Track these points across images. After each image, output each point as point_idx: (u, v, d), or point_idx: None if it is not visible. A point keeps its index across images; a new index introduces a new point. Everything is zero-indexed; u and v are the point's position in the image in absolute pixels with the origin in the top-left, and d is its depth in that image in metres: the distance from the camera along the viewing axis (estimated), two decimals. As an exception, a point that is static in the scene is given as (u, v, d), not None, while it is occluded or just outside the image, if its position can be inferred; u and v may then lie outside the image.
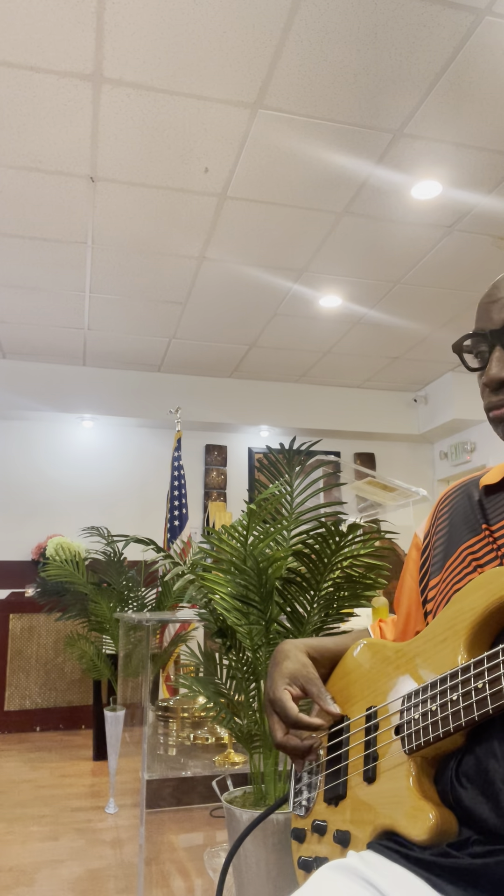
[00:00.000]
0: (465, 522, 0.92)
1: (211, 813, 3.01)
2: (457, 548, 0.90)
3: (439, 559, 0.93)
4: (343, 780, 0.88)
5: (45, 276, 4.04)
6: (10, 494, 5.64)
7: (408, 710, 0.80)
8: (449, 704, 0.73)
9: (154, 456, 5.96)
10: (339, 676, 0.99)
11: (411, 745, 0.78)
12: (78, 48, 2.40)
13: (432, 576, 0.94)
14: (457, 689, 0.73)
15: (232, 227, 3.56)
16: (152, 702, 2.90)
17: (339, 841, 0.84)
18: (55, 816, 3.06)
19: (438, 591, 0.91)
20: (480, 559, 0.85)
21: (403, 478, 5.88)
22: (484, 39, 2.39)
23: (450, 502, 0.99)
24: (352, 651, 0.98)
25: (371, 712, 0.87)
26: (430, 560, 0.96)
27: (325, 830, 0.89)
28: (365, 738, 0.86)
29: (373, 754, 0.84)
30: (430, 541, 0.99)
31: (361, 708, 0.90)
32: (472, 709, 0.71)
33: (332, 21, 2.31)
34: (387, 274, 4.11)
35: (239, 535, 1.62)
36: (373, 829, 0.80)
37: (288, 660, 0.97)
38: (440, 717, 0.74)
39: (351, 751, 0.88)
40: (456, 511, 0.95)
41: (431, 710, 0.76)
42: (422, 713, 0.77)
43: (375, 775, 0.82)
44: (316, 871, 0.78)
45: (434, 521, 1.00)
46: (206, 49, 2.41)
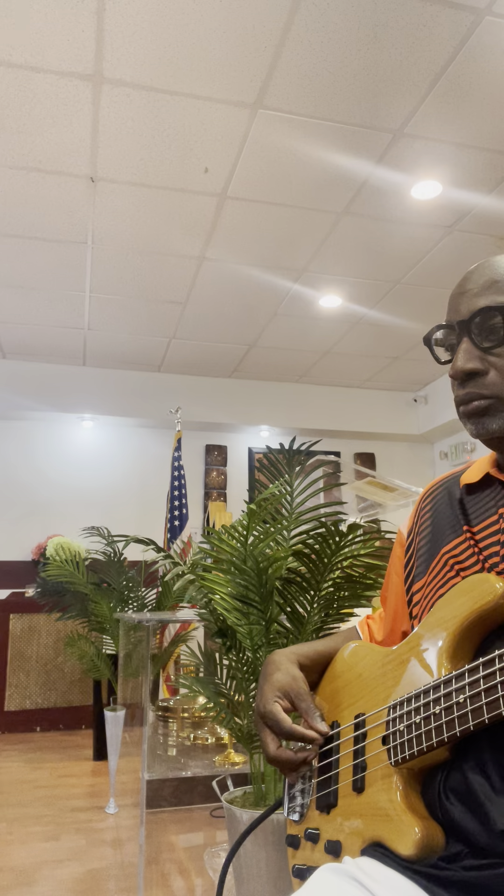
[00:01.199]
0: (446, 523, 0.90)
1: (211, 813, 3.01)
2: (439, 549, 0.89)
3: (423, 561, 0.92)
4: (334, 789, 0.88)
5: (45, 276, 4.04)
6: (10, 494, 5.63)
7: (394, 721, 0.79)
8: (432, 718, 0.73)
9: (154, 456, 5.96)
10: (328, 681, 0.98)
11: (397, 757, 0.77)
12: (78, 48, 2.40)
13: (416, 578, 0.93)
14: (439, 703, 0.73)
15: (232, 227, 3.56)
16: (152, 702, 2.90)
17: (331, 851, 0.84)
18: (55, 816, 3.06)
19: (423, 594, 0.90)
20: (463, 562, 0.84)
21: (403, 478, 5.88)
22: (484, 39, 2.39)
23: (432, 500, 0.97)
24: (341, 654, 0.97)
25: (360, 720, 0.86)
26: (415, 560, 0.95)
27: (317, 839, 0.88)
28: (354, 746, 0.86)
29: (361, 764, 0.83)
30: (414, 540, 0.97)
31: (350, 714, 0.89)
32: (454, 724, 0.70)
33: (332, 21, 2.31)
34: (387, 274, 4.11)
35: (239, 535, 1.62)
36: (362, 840, 0.79)
37: (279, 671, 0.96)
38: (423, 731, 0.74)
39: (341, 758, 0.88)
40: (438, 510, 0.94)
41: (416, 723, 0.75)
42: (406, 725, 0.77)
43: (364, 785, 0.82)
44: (316, 872, 0.78)
45: (417, 519, 0.98)
46: (206, 49, 2.41)
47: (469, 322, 0.84)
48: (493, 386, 0.82)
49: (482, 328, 0.83)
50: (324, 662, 1.00)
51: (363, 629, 1.07)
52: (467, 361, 0.83)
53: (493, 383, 0.82)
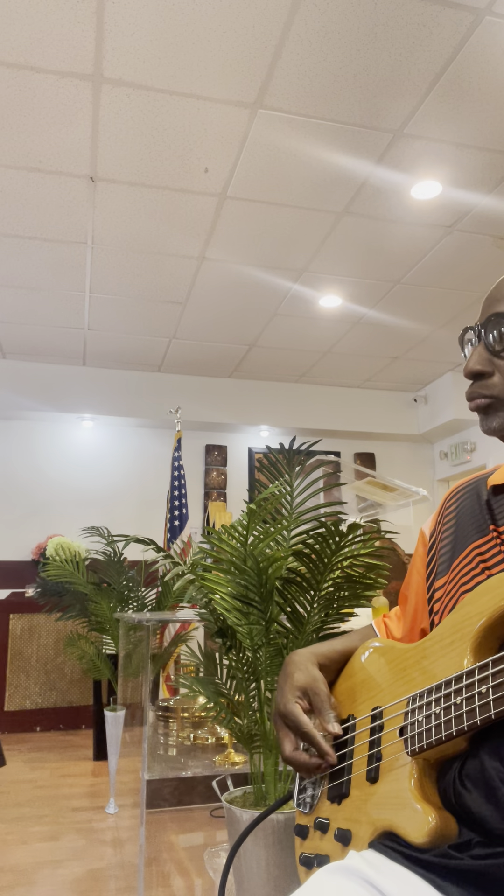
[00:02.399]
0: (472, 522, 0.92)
1: (211, 813, 3.01)
2: (464, 548, 0.90)
3: (446, 559, 0.93)
4: (347, 779, 0.88)
5: (45, 276, 4.04)
6: (11, 494, 5.63)
7: (412, 712, 0.79)
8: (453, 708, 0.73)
9: (154, 456, 5.96)
10: (345, 677, 0.99)
11: (414, 746, 0.77)
12: (78, 48, 2.40)
13: (438, 576, 0.94)
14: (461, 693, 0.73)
15: (232, 227, 3.56)
16: (152, 702, 2.90)
17: (340, 839, 0.84)
18: (55, 816, 3.06)
19: (445, 591, 0.90)
20: (488, 560, 0.85)
21: (403, 478, 5.88)
22: (484, 39, 2.39)
23: (457, 500, 0.98)
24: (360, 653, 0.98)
25: (377, 712, 0.87)
26: (437, 559, 0.96)
27: (327, 828, 0.89)
28: (369, 737, 0.86)
29: (376, 754, 0.84)
30: (437, 538, 0.98)
31: (367, 708, 0.89)
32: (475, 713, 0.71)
33: (332, 21, 2.31)
34: (387, 274, 4.11)
35: (239, 535, 1.62)
36: (373, 829, 0.80)
37: (299, 671, 0.97)
38: (443, 721, 0.74)
39: (356, 750, 0.88)
40: (463, 510, 0.95)
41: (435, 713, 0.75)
42: (426, 716, 0.77)
43: (378, 775, 0.82)
44: (314, 874, 0.78)
45: (441, 519, 1.00)
46: (206, 49, 2.41)
47: (484, 326, 0.90)
48: (494, 387, 0.88)
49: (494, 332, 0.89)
50: (342, 662, 1.01)
51: (380, 627, 1.08)
52: (475, 364, 0.90)
53: (495, 384, 0.88)
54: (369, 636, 1.07)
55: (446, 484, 6.63)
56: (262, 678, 1.63)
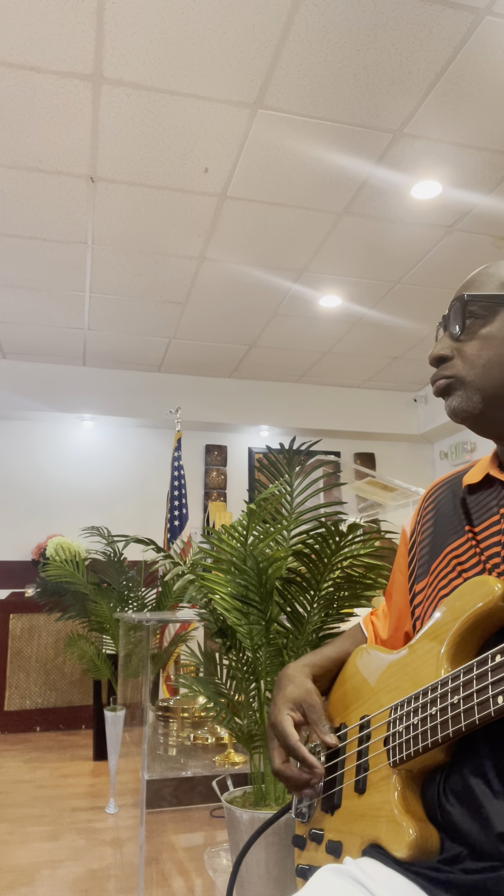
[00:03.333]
0: (448, 523, 0.91)
1: (211, 813, 3.01)
2: (441, 550, 0.90)
3: (425, 561, 0.93)
4: (338, 790, 0.88)
5: (45, 276, 4.04)
6: (11, 494, 5.63)
7: (394, 722, 0.80)
8: (429, 719, 0.73)
9: (154, 456, 5.96)
10: (338, 685, 0.99)
11: (395, 758, 0.77)
12: (78, 48, 2.40)
13: (419, 579, 0.93)
14: (436, 703, 0.73)
15: (232, 227, 3.56)
16: (152, 702, 2.90)
17: (331, 851, 0.84)
18: (55, 816, 3.06)
19: (425, 595, 0.90)
20: (464, 563, 0.85)
21: (403, 478, 5.88)
22: (484, 39, 2.39)
23: (434, 500, 0.98)
24: (352, 659, 0.98)
25: (364, 721, 0.87)
26: (417, 560, 0.96)
27: (321, 839, 0.89)
28: (358, 747, 0.86)
29: (364, 764, 0.84)
30: (416, 539, 0.98)
31: (357, 716, 0.90)
32: (447, 724, 0.70)
33: (332, 21, 2.31)
34: (387, 274, 4.11)
35: (239, 535, 1.62)
36: (361, 841, 0.80)
37: (292, 684, 0.97)
38: (420, 732, 0.74)
39: (346, 759, 0.88)
40: (440, 510, 0.95)
41: (414, 724, 0.75)
42: (405, 726, 0.77)
43: (365, 787, 0.82)
44: (316, 872, 0.78)
45: (420, 519, 0.99)
46: (206, 49, 2.41)
47: (448, 313, 0.92)
48: (453, 368, 0.90)
49: (455, 318, 0.91)
50: (335, 669, 1.01)
51: (367, 626, 1.08)
52: (438, 349, 0.92)
53: (454, 366, 0.90)
54: (358, 637, 1.07)
55: (446, 484, 6.63)
56: (262, 678, 1.63)
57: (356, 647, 1.02)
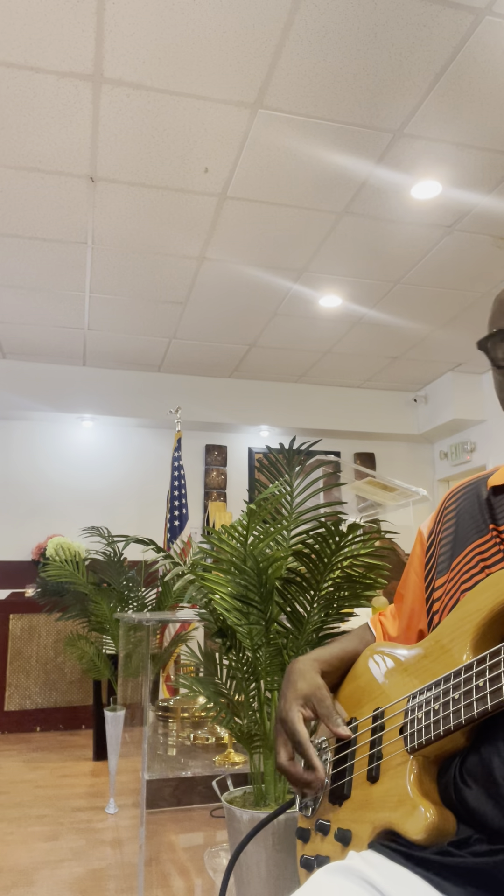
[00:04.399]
0: (472, 522, 0.92)
1: (211, 813, 3.01)
2: (464, 548, 0.90)
3: (445, 558, 0.94)
4: (348, 780, 0.88)
5: (45, 276, 4.04)
6: (11, 494, 5.64)
7: (412, 710, 0.80)
8: (451, 703, 0.73)
9: (154, 456, 5.96)
10: (349, 681, 0.99)
11: (413, 743, 0.78)
12: (78, 48, 2.40)
13: (438, 575, 0.94)
14: (459, 688, 0.73)
15: (232, 227, 3.56)
16: (152, 702, 2.90)
17: (341, 839, 0.84)
18: (55, 816, 3.06)
19: (445, 591, 0.91)
20: (488, 559, 0.85)
21: (403, 478, 5.88)
22: (484, 39, 2.39)
23: (456, 501, 0.99)
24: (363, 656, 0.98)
25: (378, 713, 0.87)
26: (436, 559, 0.96)
27: (328, 830, 0.89)
28: (370, 737, 0.86)
29: (377, 754, 0.84)
30: (436, 538, 0.99)
31: (370, 710, 0.90)
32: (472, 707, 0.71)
33: (332, 21, 2.31)
34: (387, 274, 4.11)
35: (239, 535, 1.62)
36: (373, 827, 0.79)
37: (302, 679, 0.97)
38: (441, 716, 0.74)
39: (357, 751, 0.88)
40: (463, 510, 0.96)
41: (434, 709, 0.76)
42: (425, 712, 0.77)
43: (378, 774, 0.82)
44: (314, 874, 0.77)
45: (440, 519, 1.00)
46: (206, 49, 2.41)
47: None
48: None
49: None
50: (343, 667, 1.01)
51: (376, 626, 1.08)
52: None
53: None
54: (366, 636, 1.07)
55: (446, 484, 6.63)
56: (262, 678, 1.63)
57: (364, 645, 1.02)
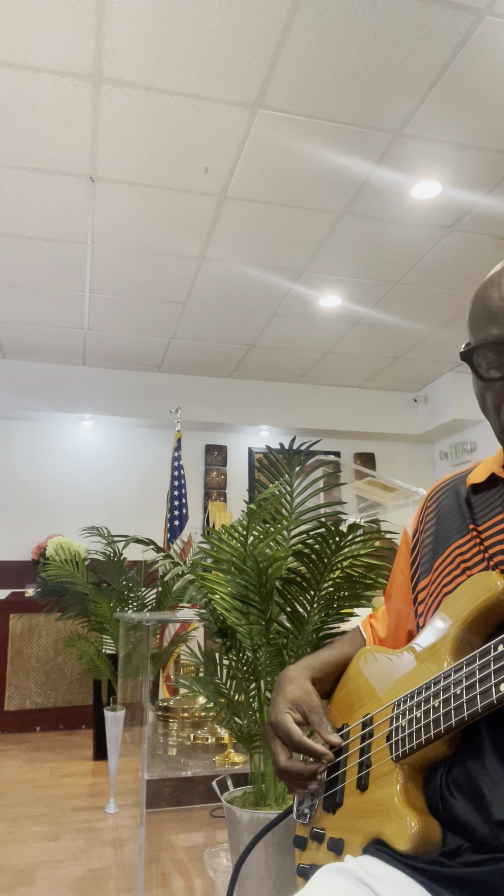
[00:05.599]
0: (452, 522, 0.91)
1: (211, 813, 3.01)
2: (445, 548, 0.90)
3: (428, 559, 0.93)
4: (340, 788, 0.88)
5: (45, 276, 4.04)
6: (11, 494, 5.63)
7: (397, 718, 0.80)
8: (431, 711, 0.73)
9: (154, 456, 5.96)
10: (341, 686, 0.99)
11: (398, 752, 0.78)
12: (78, 48, 2.40)
13: (422, 577, 0.94)
14: (438, 696, 0.73)
15: (232, 227, 3.56)
16: (152, 702, 2.90)
17: (333, 849, 0.84)
18: (55, 816, 3.06)
19: (428, 593, 0.90)
20: (468, 560, 0.85)
21: (403, 478, 5.88)
22: (484, 39, 2.39)
23: (437, 499, 0.98)
24: (354, 662, 0.98)
25: (367, 719, 0.87)
26: (420, 559, 0.96)
27: (322, 838, 0.89)
28: (360, 745, 0.86)
29: (366, 761, 0.84)
30: (419, 538, 0.98)
31: (360, 716, 0.90)
32: (450, 715, 0.71)
33: (332, 21, 2.31)
34: (387, 274, 4.11)
35: (239, 535, 1.62)
36: (363, 837, 0.80)
37: (291, 685, 0.96)
38: (423, 724, 0.74)
39: (349, 758, 0.89)
40: (443, 509, 0.95)
41: (416, 717, 0.76)
42: (408, 720, 0.77)
43: (367, 783, 0.82)
44: (315, 873, 0.78)
45: (422, 518, 0.99)
46: (206, 49, 2.41)
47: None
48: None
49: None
50: (335, 672, 1.01)
51: (366, 629, 1.08)
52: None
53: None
54: (358, 639, 1.07)
55: (446, 484, 6.62)
56: (262, 678, 1.63)
57: (355, 649, 1.02)
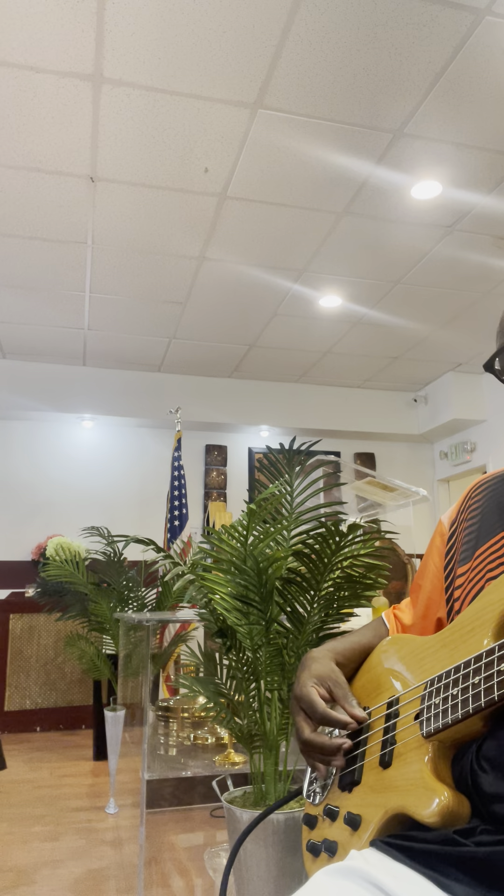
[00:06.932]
0: (500, 513, 0.92)
1: (211, 813, 3.01)
2: (490, 537, 0.90)
3: (469, 547, 0.94)
4: (359, 766, 0.88)
5: (45, 276, 4.04)
6: (11, 494, 5.63)
7: (429, 695, 0.79)
8: (471, 687, 0.73)
9: (154, 456, 5.96)
10: (363, 672, 0.99)
11: (429, 728, 0.77)
12: (78, 48, 2.40)
13: (460, 563, 0.94)
14: (480, 672, 0.72)
15: (232, 227, 3.56)
16: (152, 702, 2.90)
17: (350, 823, 0.84)
18: (55, 816, 3.06)
19: (467, 578, 0.91)
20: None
21: (403, 478, 5.88)
22: (484, 39, 2.39)
23: (483, 492, 0.99)
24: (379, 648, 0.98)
25: (392, 700, 0.87)
26: (458, 548, 0.97)
27: (336, 815, 0.89)
28: (384, 724, 0.86)
29: (391, 739, 0.84)
30: (458, 528, 0.99)
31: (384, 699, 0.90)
32: (492, 690, 0.70)
33: (332, 21, 2.31)
34: (387, 274, 4.11)
35: (239, 535, 1.62)
36: (384, 811, 0.79)
37: (317, 663, 0.98)
38: (461, 700, 0.73)
39: (369, 738, 0.88)
40: (490, 500, 0.96)
41: (453, 694, 0.75)
42: (443, 697, 0.77)
43: (391, 760, 0.82)
44: (314, 876, 0.77)
45: (464, 509, 1.00)
46: (206, 49, 2.41)
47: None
48: None
49: None
50: (358, 658, 1.02)
51: (389, 619, 1.09)
52: None
53: None
54: (380, 629, 1.07)
55: (446, 484, 6.63)
56: (262, 678, 1.63)
57: (378, 638, 1.03)
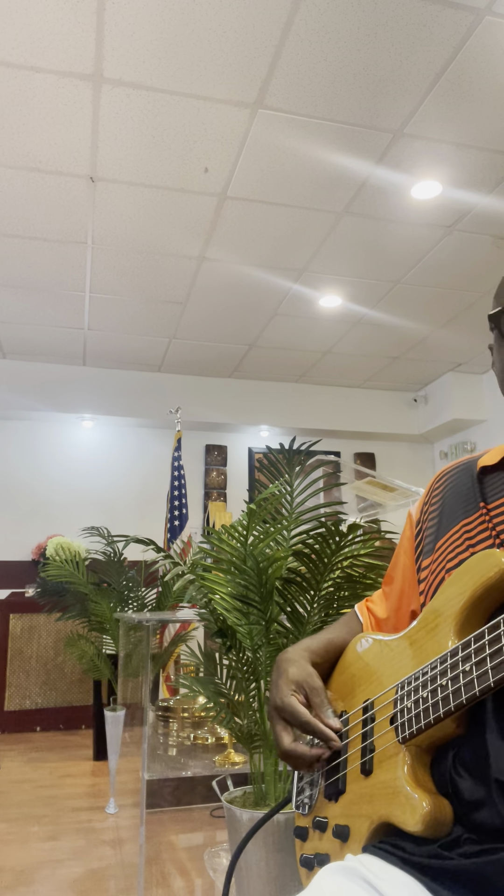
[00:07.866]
0: (460, 501, 0.91)
1: (211, 813, 3.01)
2: (451, 527, 0.89)
3: (431, 539, 0.93)
4: (342, 775, 0.87)
5: (45, 276, 4.04)
6: (11, 494, 5.63)
7: (401, 699, 0.79)
8: (439, 690, 0.72)
9: (154, 456, 5.96)
10: (339, 672, 0.98)
11: (404, 733, 0.77)
12: (78, 48, 2.40)
13: (425, 556, 0.93)
14: (446, 673, 0.72)
15: (232, 227, 3.56)
16: (152, 702, 2.90)
17: (338, 835, 0.83)
18: (55, 816, 3.06)
19: (430, 571, 0.90)
20: (473, 538, 0.85)
21: (403, 478, 5.88)
22: (484, 39, 2.39)
23: (444, 482, 0.98)
24: (352, 646, 0.97)
25: (367, 704, 0.86)
26: (423, 539, 0.96)
27: (325, 827, 0.88)
28: (362, 730, 0.85)
29: (369, 746, 0.83)
30: (424, 518, 0.98)
31: (359, 702, 0.89)
32: (460, 692, 0.69)
33: (332, 21, 2.31)
34: (387, 274, 4.11)
35: (239, 535, 1.62)
36: (370, 822, 0.79)
37: (293, 666, 0.96)
38: (431, 704, 0.73)
39: (349, 744, 0.88)
40: (451, 490, 0.95)
41: (423, 697, 0.75)
42: (414, 701, 0.76)
43: (372, 767, 0.81)
44: (317, 873, 0.77)
45: (428, 499, 0.99)
46: (206, 49, 2.41)
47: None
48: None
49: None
50: (334, 655, 1.00)
51: (362, 612, 1.07)
52: None
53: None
54: (353, 623, 1.06)
55: (446, 484, 6.62)
56: (262, 678, 1.63)
57: (351, 633, 1.01)
